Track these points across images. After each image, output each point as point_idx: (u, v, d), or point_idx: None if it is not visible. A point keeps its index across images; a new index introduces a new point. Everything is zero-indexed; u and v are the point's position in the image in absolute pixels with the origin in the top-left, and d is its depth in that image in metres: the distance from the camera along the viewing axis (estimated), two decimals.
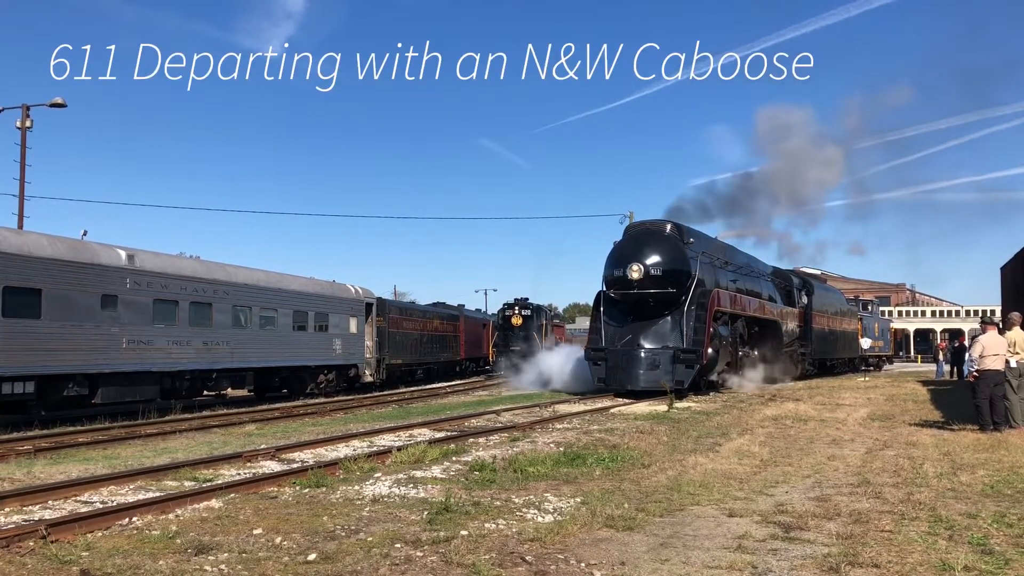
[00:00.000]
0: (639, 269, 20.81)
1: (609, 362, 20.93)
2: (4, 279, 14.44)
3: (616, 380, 20.81)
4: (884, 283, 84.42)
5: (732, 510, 6.79)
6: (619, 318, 21.73)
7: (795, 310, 30.78)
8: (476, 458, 9.78)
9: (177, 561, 5.28)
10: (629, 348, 20.72)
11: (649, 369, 20.28)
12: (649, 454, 10.08)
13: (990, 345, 12.35)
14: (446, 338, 38.00)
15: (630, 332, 21.12)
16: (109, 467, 9.69)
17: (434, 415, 16.60)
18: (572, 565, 5.17)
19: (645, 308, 21.32)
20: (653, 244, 21.44)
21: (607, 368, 20.95)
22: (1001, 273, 31.11)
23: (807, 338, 31.59)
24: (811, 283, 33.17)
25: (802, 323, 31.31)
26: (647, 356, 20.41)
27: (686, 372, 20.09)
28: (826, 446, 11.00)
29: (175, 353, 18.35)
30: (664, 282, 20.92)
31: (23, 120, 25.04)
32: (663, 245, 21.38)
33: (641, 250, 21.30)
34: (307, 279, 25.02)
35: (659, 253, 21.14)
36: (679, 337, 20.55)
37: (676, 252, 21.35)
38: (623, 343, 20.93)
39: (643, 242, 21.65)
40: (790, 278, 31.88)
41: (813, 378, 31.03)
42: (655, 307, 21.24)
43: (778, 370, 27.45)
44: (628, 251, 21.58)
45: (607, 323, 21.66)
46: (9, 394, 14.49)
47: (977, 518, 6.38)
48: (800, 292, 31.88)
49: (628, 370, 20.53)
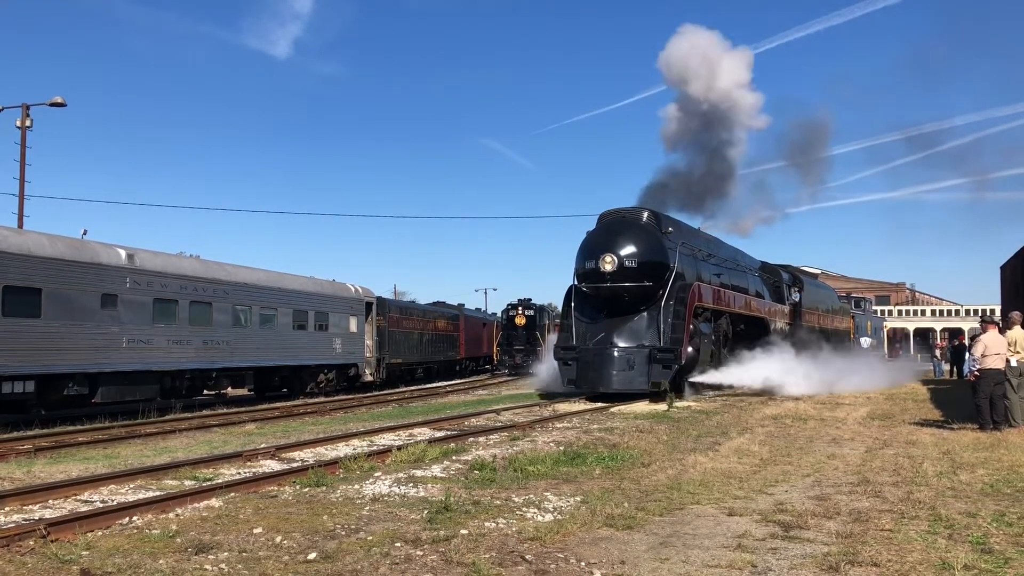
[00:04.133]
0: (612, 261, 19.14)
1: (580, 362, 19.45)
2: (4, 278, 14.44)
3: (587, 381, 19.31)
4: (884, 282, 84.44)
5: (732, 509, 6.79)
6: (591, 314, 20.22)
7: (784, 307, 29.43)
8: (476, 457, 9.79)
9: (177, 560, 5.28)
10: (602, 347, 19.18)
11: (623, 369, 18.76)
12: (649, 453, 10.09)
13: (992, 344, 12.36)
14: (446, 337, 38.05)
15: (603, 329, 19.60)
16: (109, 466, 9.69)
17: (434, 414, 16.61)
18: (572, 564, 5.17)
19: (619, 303, 19.80)
20: (628, 234, 19.75)
21: (578, 368, 19.45)
22: (1001, 272, 31.13)
23: (796, 337, 30.10)
24: (801, 279, 31.98)
25: (792, 321, 29.88)
26: (621, 355, 18.89)
27: (663, 373, 18.53)
28: (826, 445, 11.00)
29: (175, 352, 18.35)
30: (639, 275, 19.33)
31: (23, 119, 25.03)
32: (639, 235, 19.76)
33: (615, 240, 19.59)
34: (307, 278, 25.03)
35: (634, 243, 19.48)
36: (656, 335, 19.04)
37: (653, 242, 19.75)
38: (595, 341, 19.42)
39: (617, 231, 19.95)
40: (779, 273, 30.48)
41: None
42: (630, 302, 19.70)
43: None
44: (601, 241, 19.85)
45: (578, 319, 20.18)
46: (9, 393, 14.50)
47: (977, 517, 6.38)
48: (790, 288, 30.45)
49: (600, 370, 18.98)
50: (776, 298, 29.01)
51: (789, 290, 30.30)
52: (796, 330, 30.00)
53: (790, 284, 30.61)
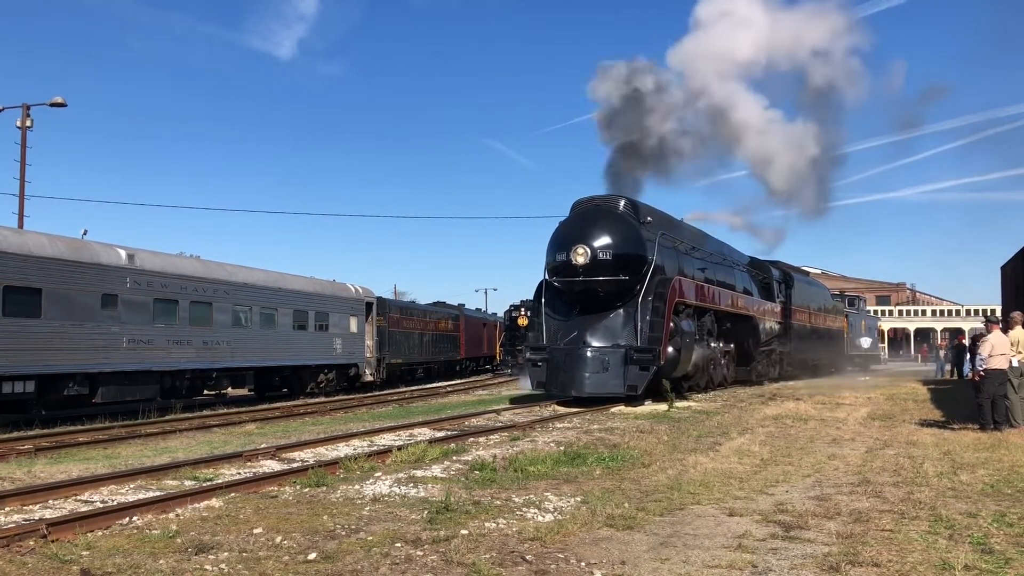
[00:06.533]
0: (585, 253, 17.57)
1: (550, 363, 17.83)
2: (4, 278, 14.45)
3: (558, 384, 17.69)
4: (884, 282, 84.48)
5: (732, 509, 6.78)
6: (563, 311, 18.64)
7: (773, 305, 27.97)
8: (476, 457, 9.79)
9: (177, 560, 5.28)
10: (573, 347, 17.63)
11: (596, 371, 17.18)
12: (649, 453, 10.08)
13: (999, 345, 12.40)
14: (446, 337, 38.09)
15: (575, 328, 18.03)
16: (109, 466, 9.69)
17: (434, 414, 16.60)
18: (572, 564, 5.17)
19: (593, 299, 18.19)
20: (602, 223, 18.18)
21: (548, 370, 17.82)
22: (1001, 272, 31.14)
23: (786, 336, 29.03)
24: (791, 275, 30.73)
25: (782, 319, 28.66)
26: (594, 356, 17.32)
27: (640, 375, 16.98)
28: (826, 445, 10.99)
29: (175, 352, 18.36)
30: (615, 268, 17.77)
31: (23, 120, 25.05)
32: (614, 224, 18.20)
33: (588, 230, 18.01)
34: (307, 278, 25.04)
35: (609, 234, 17.91)
36: (633, 334, 17.54)
37: (629, 233, 18.20)
38: (567, 341, 17.90)
39: (590, 221, 18.36)
40: (769, 269, 28.98)
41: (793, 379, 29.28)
42: (605, 298, 18.12)
43: (753, 371, 25.51)
44: (572, 231, 18.28)
45: (549, 317, 18.57)
46: (9, 393, 14.50)
47: (977, 517, 6.37)
48: (780, 285, 29.13)
49: (571, 372, 17.42)
50: (765, 295, 27.78)
51: (779, 287, 29.10)
52: (786, 330, 28.98)
53: (780, 281, 29.35)
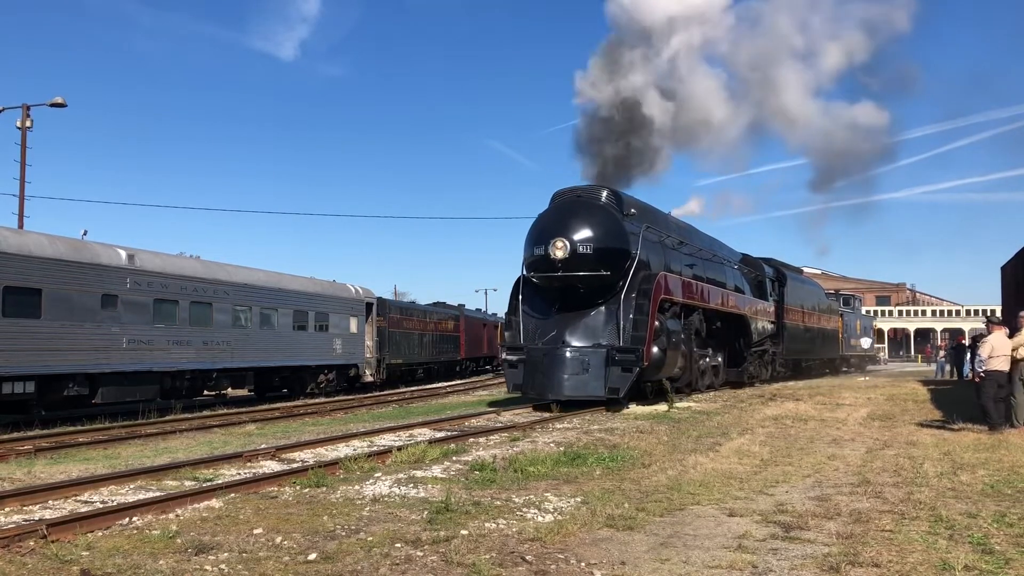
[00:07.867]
0: (564, 247, 16.65)
1: (528, 363, 16.85)
2: (4, 279, 14.44)
3: (535, 386, 16.70)
4: (884, 282, 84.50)
5: (732, 510, 6.78)
6: (542, 309, 17.67)
7: (766, 304, 27.26)
8: (476, 458, 9.79)
9: (177, 561, 5.28)
10: (552, 346, 16.67)
11: (576, 373, 16.19)
12: (649, 454, 10.08)
13: (999, 346, 12.42)
14: (446, 338, 38.04)
15: (554, 326, 17.10)
16: (109, 467, 9.69)
17: (434, 415, 16.59)
18: (572, 565, 5.17)
19: (573, 296, 17.30)
20: (583, 216, 17.21)
21: (524, 371, 16.87)
22: (1001, 273, 31.15)
23: (779, 336, 28.31)
24: (785, 273, 29.93)
25: (775, 319, 27.86)
26: (574, 356, 16.31)
27: (622, 376, 16.10)
28: (826, 446, 10.99)
29: (175, 353, 18.35)
30: (596, 263, 16.81)
31: (23, 120, 25.05)
32: (595, 217, 17.27)
33: (568, 223, 17.07)
34: (307, 279, 25.03)
35: (590, 227, 16.99)
36: (615, 333, 16.58)
37: (612, 226, 17.27)
38: (545, 340, 16.96)
39: (570, 213, 17.42)
40: (762, 267, 28.11)
41: (786, 380, 28.89)
42: (585, 295, 17.21)
43: (745, 373, 24.86)
44: (551, 224, 17.33)
45: (527, 315, 17.62)
46: (9, 394, 14.50)
47: (977, 518, 6.37)
48: (773, 283, 28.36)
49: (549, 374, 16.35)
50: (758, 294, 27.11)
51: (772, 285, 28.44)
52: (780, 329, 28.43)
53: (772, 279, 28.66)
